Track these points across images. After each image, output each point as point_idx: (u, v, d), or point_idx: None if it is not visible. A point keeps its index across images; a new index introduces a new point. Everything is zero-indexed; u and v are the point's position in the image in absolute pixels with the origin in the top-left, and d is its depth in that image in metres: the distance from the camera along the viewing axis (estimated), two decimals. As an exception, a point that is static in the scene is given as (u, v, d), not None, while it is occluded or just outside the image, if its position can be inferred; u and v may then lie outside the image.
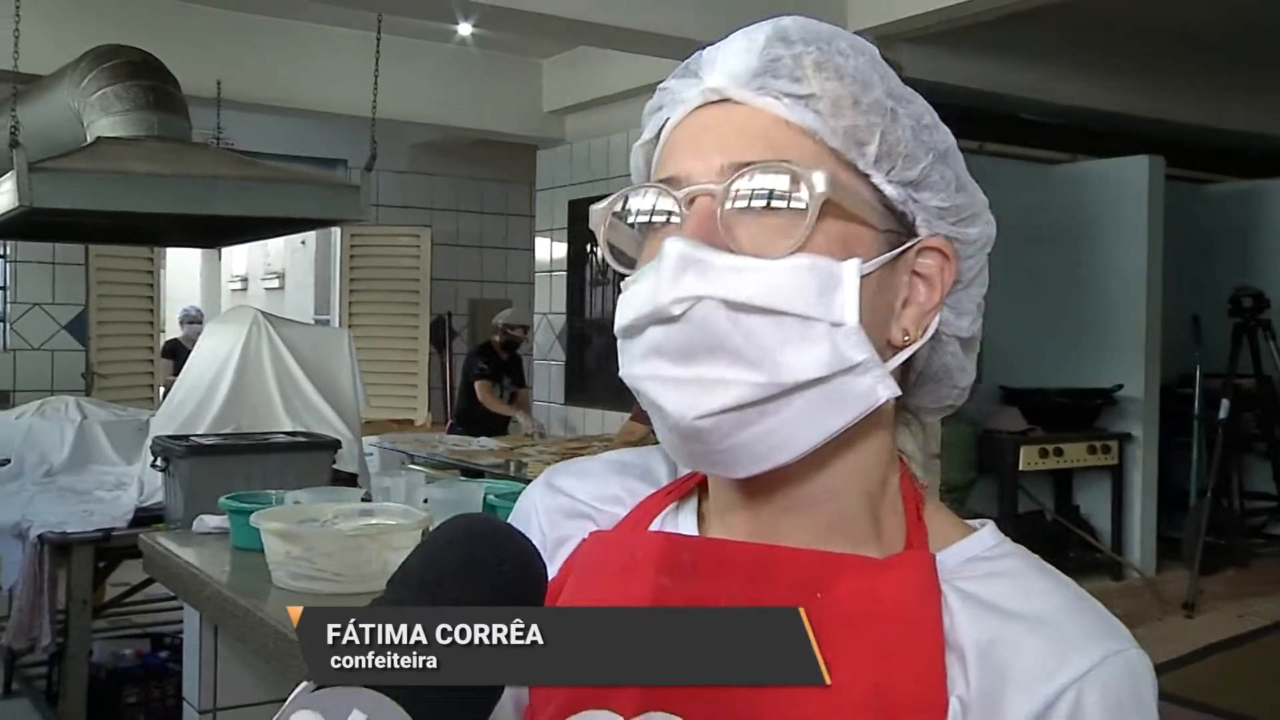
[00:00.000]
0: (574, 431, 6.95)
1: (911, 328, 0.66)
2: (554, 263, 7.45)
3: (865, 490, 0.67)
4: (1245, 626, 5.26)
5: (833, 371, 0.61)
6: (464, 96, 6.54)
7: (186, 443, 3.18)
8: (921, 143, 0.66)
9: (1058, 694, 0.60)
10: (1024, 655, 0.61)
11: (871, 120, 0.64)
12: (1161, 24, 5.66)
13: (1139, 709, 0.62)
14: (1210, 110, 6.31)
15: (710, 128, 0.65)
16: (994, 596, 0.64)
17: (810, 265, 0.61)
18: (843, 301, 0.61)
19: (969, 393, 0.73)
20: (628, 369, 0.65)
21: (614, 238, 0.68)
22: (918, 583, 0.63)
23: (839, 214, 0.62)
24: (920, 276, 0.67)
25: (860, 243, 0.63)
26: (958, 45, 5.09)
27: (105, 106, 4.14)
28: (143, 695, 3.80)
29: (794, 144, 0.63)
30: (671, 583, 0.66)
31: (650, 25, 4.60)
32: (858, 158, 0.64)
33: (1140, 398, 5.95)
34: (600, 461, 0.79)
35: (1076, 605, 0.64)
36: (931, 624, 0.62)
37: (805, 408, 0.61)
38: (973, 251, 0.69)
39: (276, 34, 5.86)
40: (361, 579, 1.94)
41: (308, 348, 3.95)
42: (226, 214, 3.40)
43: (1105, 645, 0.62)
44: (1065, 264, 5.98)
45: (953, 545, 0.68)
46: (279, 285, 10.71)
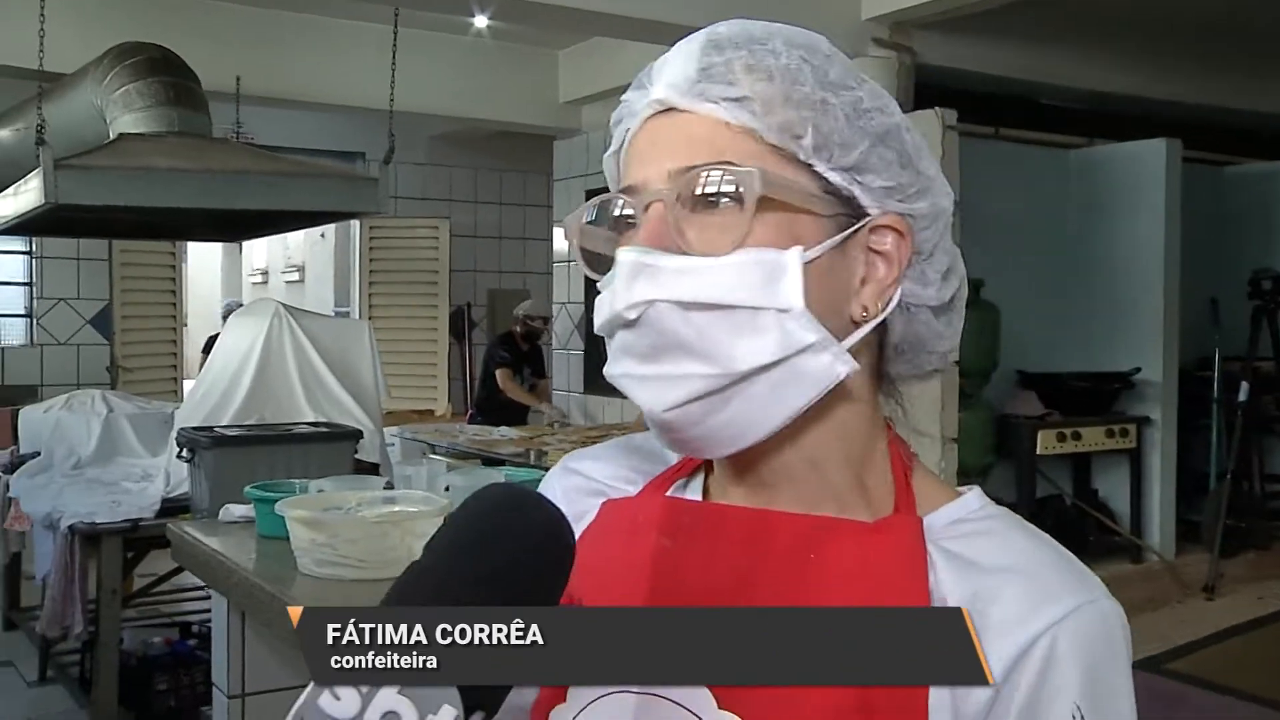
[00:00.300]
0: (593, 420, 6.99)
1: (870, 304, 0.69)
2: (572, 253, 7.48)
3: (849, 457, 0.71)
4: (1266, 609, 5.26)
5: (785, 355, 0.65)
6: (480, 88, 6.58)
7: (211, 434, 3.23)
8: (857, 129, 0.68)
9: (1032, 639, 0.63)
10: (1001, 604, 0.64)
11: (803, 114, 0.67)
12: (1176, 6, 5.63)
13: (1111, 655, 0.65)
14: (1227, 92, 6.28)
15: (658, 136, 0.69)
16: (976, 554, 0.67)
17: (754, 259, 0.65)
18: (787, 288, 0.65)
19: (952, 356, 0.76)
20: (607, 368, 0.70)
21: (590, 243, 0.72)
22: (905, 544, 0.67)
23: (779, 206, 0.66)
24: (877, 254, 0.70)
25: (805, 230, 0.67)
26: (972, 31, 5.08)
27: (127, 103, 4.20)
28: (173, 682, 3.87)
29: (735, 144, 0.67)
30: (672, 544, 0.70)
31: (663, 15, 4.62)
32: (796, 150, 0.67)
33: (1159, 381, 5.93)
34: (612, 445, 0.84)
35: (1053, 558, 0.68)
36: (918, 582, 0.66)
37: (766, 390, 0.66)
38: (927, 224, 0.71)
39: (294, 29, 5.91)
40: (385, 565, 1.99)
41: (329, 339, 4.00)
42: (250, 208, 3.45)
43: (1079, 595, 0.65)
44: (1083, 247, 5.96)
45: (939, 509, 0.71)
46: (299, 278, 10.78)
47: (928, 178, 0.72)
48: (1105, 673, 0.65)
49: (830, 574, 0.67)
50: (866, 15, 4.82)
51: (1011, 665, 0.63)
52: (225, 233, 5.40)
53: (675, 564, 0.70)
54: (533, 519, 0.58)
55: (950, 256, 0.74)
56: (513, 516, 0.58)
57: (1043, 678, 0.63)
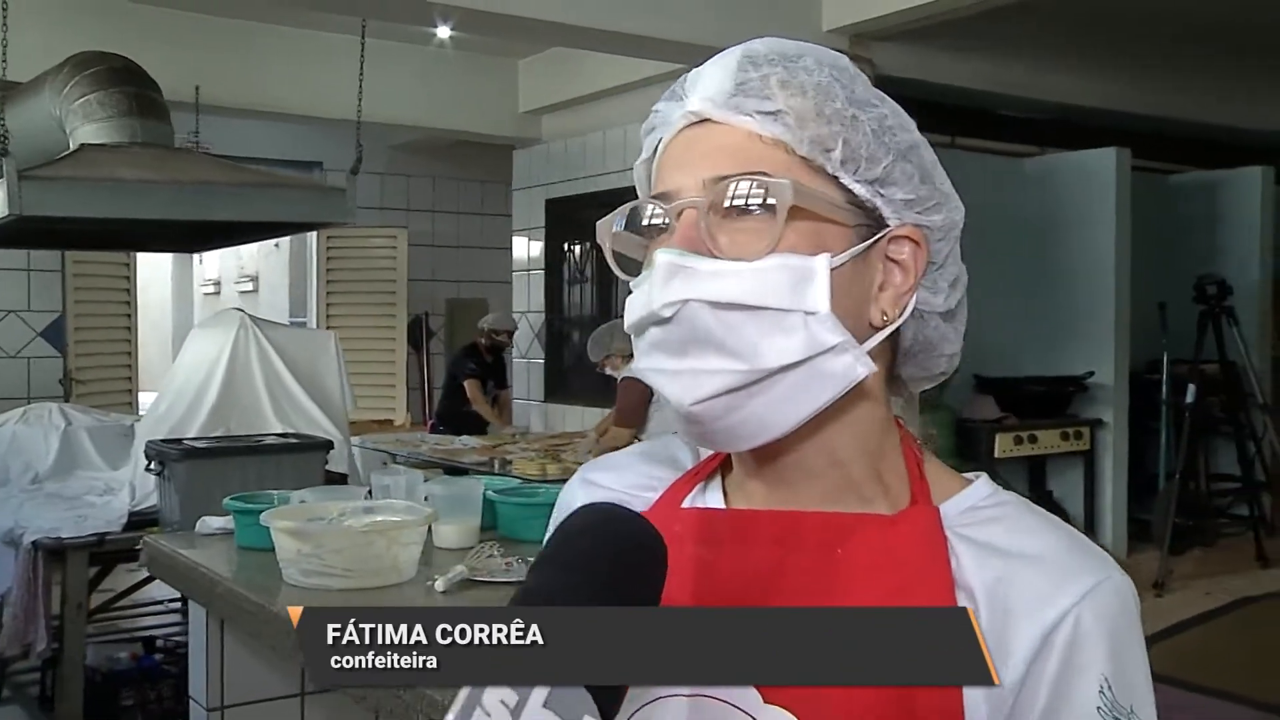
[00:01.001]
0: (554, 429, 7.00)
1: (889, 309, 0.73)
2: (531, 261, 7.49)
3: (866, 453, 0.75)
4: (1214, 603, 5.40)
5: (810, 355, 0.69)
6: (441, 98, 6.58)
7: (181, 446, 3.22)
8: (883, 144, 0.73)
9: (1059, 618, 0.68)
10: (1024, 588, 0.69)
11: (834, 129, 0.71)
12: (1127, 19, 5.78)
13: (1129, 626, 0.70)
14: (1174, 102, 6.45)
15: (693, 146, 0.73)
16: (994, 539, 0.72)
17: (784, 264, 0.69)
18: (815, 293, 0.69)
19: (956, 360, 0.81)
20: (637, 363, 0.74)
21: (621, 246, 0.76)
22: (925, 533, 0.72)
23: (808, 215, 0.70)
24: (895, 262, 0.74)
25: (831, 238, 0.71)
26: (929, 43, 5.18)
27: (88, 113, 4.15)
28: (139, 697, 3.82)
29: (767, 155, 0.71)
30: (710, 553, 0.74)
31: (625, 27, 4.65)
32: (825, 162, 0.71)
33: (1110, 384, 6.07)
34: (627, 455, 0.87)
35: (1067, 540, 0.72)
36: (941, 568, 0.70)
37: (790, 388, 0.69)
38: (941, 235, 0.76)
39: (254, 38, 5.87)
40: (372, 574, 2.00)
41: (295, 350, 3.99)
42: (218, 219, 3.43)
43: (1096, 573, 0.70)
44: (1037, 254, 6.09)
45: (953, 497, 0.76)
46: (253, 288, 10.67)
47: (944, 193, 0.76)
48: (1125, 644, 0.69)
49: (857, 567, 0.71)
50: (828, 27, 4.90)
51: (1040, 644, 0.68)
52: (184, 244, 5.34)
53: (713, 571, 0.73)
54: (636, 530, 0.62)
55: (958, 267, 0.78)
56: (619, 527, 0.61)
57: (1070, 654, 0.67)
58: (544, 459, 4.98)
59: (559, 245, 7.26)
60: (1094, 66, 6.01)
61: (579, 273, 7.12)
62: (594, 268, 6.99)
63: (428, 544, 2.18)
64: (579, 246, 7.11)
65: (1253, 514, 6.31)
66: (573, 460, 5.03)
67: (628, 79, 6.09)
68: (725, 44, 0.77)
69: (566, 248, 7.22)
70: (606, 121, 6.59)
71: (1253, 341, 6.56)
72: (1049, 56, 5.84)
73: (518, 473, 4.52)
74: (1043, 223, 6.17)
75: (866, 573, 0.71)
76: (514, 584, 2.03)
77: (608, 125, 6.59)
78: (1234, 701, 4.00)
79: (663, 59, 5.36)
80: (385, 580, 2.01)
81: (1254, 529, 6.25)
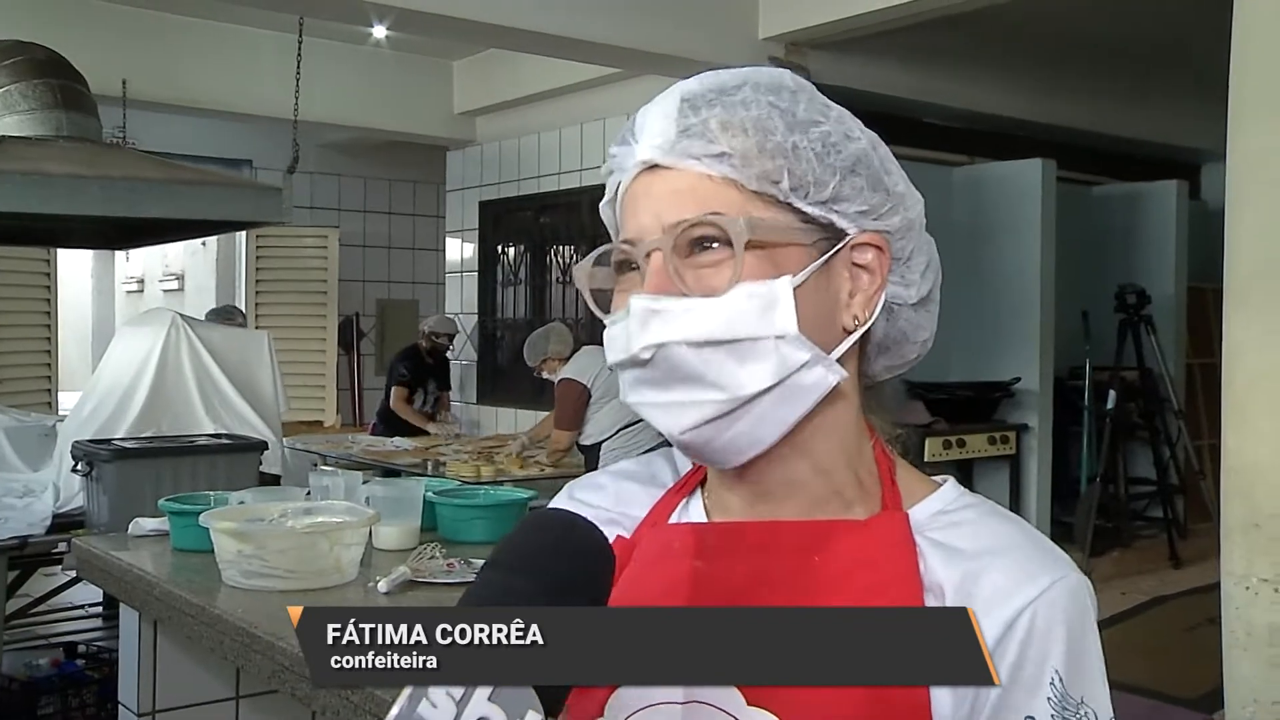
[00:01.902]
0: (487, 430, 6.97)
1: (860, 312, 0.77)
2: (465, 263, 7.45)
3: (847, 458, 0.79)
4: (1128, 604, 5.56)
5: (783, 376, 0.73)
6: (375, 98, 6.52)
7: (110, 446, 3.14)
8: (828, 166, 0.75)
9: (1015, 615, 0.72)
10: (985, 586, 0.73)
11: (777, 163, 0.74)
12: (1054, 35, 5.94)
13: (1082, 624, 0.74)
14: (1097, 116, 6.63)
15: (649, 191, 0.76)
16: (959, 541, 0.76)
17: (749, 293, 0.72)
18: (781, 316, 0.73)
19: (929, 344, 0.85)
20: (624, 396, 0.78)
21: (596, 284, 0.80)
22: (896, 538, 0.76)
23: (766, 245, 0.73)
24: (860, 267, 0.77)
25: (790, 260, 0.74)
26: (863, 52, 5.27)
27: (9, 104, 4.04)
28: (60, 704, 3.72)
29: (718, 194, 0.74)
30: (705, 564, 0.78)
31: (561, 29, 4.66)
32: (776, 193, 0.74)
33: (1036, 390, 6.22)
34: (609, 475, 0.91)
35: (1027, 540, 0.76)
36: (910, 570, 0.74)
37: (769, 407, 0.74)
38: (901, 235, 0.79)
39: (185, 33, 5.76)
40: (315, 574, 1.98)
41: (227, 350, 3.92)
42: (150, 216, 3.36)
43: (1053, 572, 0.74)
44: (965, 262, 6.21)
45: (922, 501, 0.80)
46: (178, 287, 10.43)
47: (898, 194, 0.79)
48: (1078, 639, 0.73)
49: (832, 572, 0.75)
50: (763, 35, 4.96)
51: (999, 638, 0.71)
52: (110, 241, 5.21)
53: (708, 581, 0.77)
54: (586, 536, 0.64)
55: (927, 254, 0.82)
56: (571, 534, 0.64)
57: (1025, 648, 0.71)
58: (478, 461, 4.96)
59: (493, 247, 7.23)
60: (1020, 79, 6.16)
61: (513, 275, 7.10)
62: (528, 270, 6.98)
63: (367, 545, 2.17)
64: (513, 249, 7.09)
65: (1167, 516, 6.50)
66: (505, 462, 5.02)
67: (563, 82, 6.10)
68: (661, 49, 0.80)
69: (500, 250, 7.20)
70: (541, 124, 6.59)
71: (1169, 349, 6.77)
72: (977, 69, 5.97)
73: (451, 474, 4.49)
74: (970, 231, 6.30)
75: (840, 577, 0.74)
76: (456, 585, 2.03)
77: (542, 128, 6.59)
78: (1137, 694, 4.14)
79: (598, 62, 5.37)
80: (327, 581, 2.00)
81: (1168, 531, 6.45)
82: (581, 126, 6.35)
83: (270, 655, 1.71)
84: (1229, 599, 1.63)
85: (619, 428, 4.76)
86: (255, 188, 4.00)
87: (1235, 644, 1.62)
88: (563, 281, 6.68)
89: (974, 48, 5.83)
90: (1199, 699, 4.06)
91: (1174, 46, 6.16)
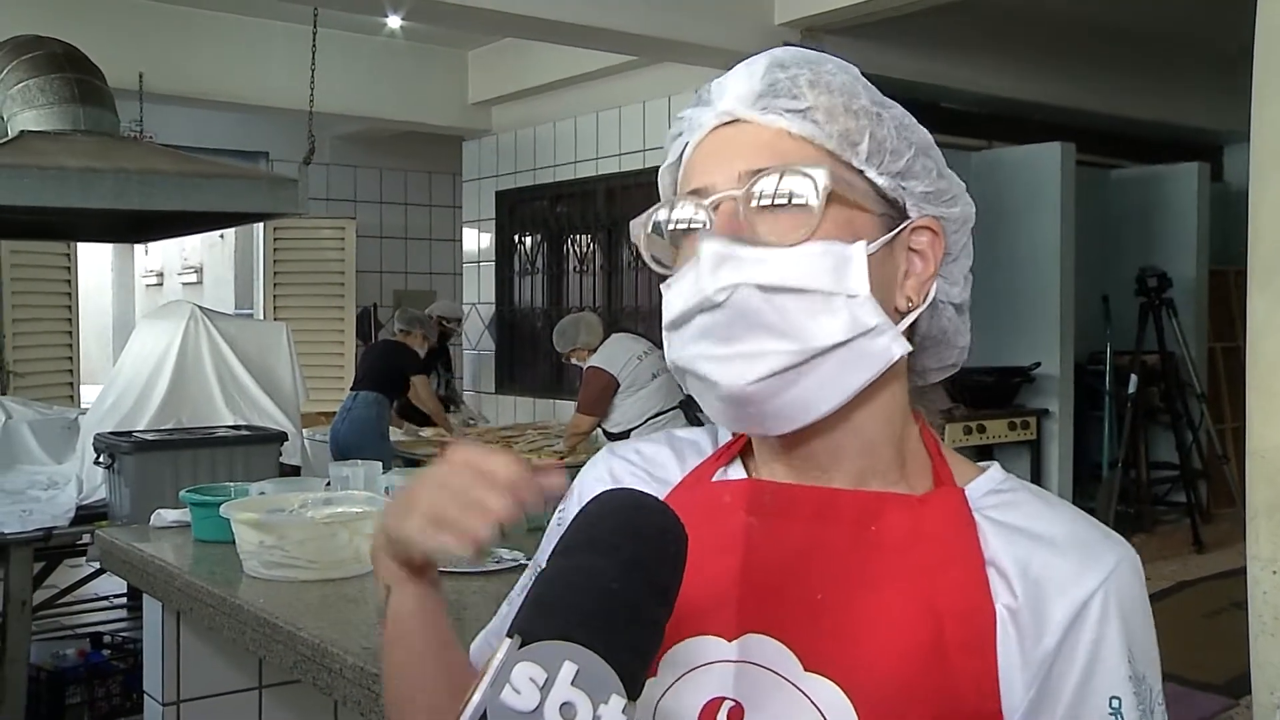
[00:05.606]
0: (504, 420, 6.97)
1: (914, 295, 0.78)
2: (482, 253, 7.46)
3: (892, 434, 0.79)
4: (1152, 589, 5.52)
5: (853, 335, 0.72)
6: (390, 88, 6.52)
7: (131, 439, 3.16)
8: (904, 139, 0.77)
9: (1089, 595, 0.73)
10: (1055, 569, 0.74)
11: (860, 123, 0.75)
12: (1073, 17, 5.88)
13: (1142, 598, 0.76)
14: (1116, 99, 6.57)
15: (727, 144, 0.76)
16: (1017, 521, 0.76)
17: (824, 249, 0.72)
18: (855, 276, 0.72)
19: (967, 352, 0.86)
20: (679, 352, 0.76)
21: (650, 247, 0.79)
22: (954, 512, 0.76)
23: (841, 204, 0.73)
24: (915, 252, 0.78)
25: (863, 226, 0.74)
26: (880, 37, 5.23)
27: (28, 100, 4.06)
28: (86, 694, 3.76)
29: (797, 150, 0.74)
30: (758, 521, 0.78)
31: (576, 18, 4.64)
32: (852, 156, 0.75)
33: (1056, 375, 6.18)
34: (653, 440, 0.91)
35: (1083, 523, 0.78)
36: (971, 545, 0.75)
37: (835, 367, 0.73)
38: (956, 228, 0.81)
39: (200, 26, 5.77)
40: (336, 564, 1.99)
41: (246, 341, 3.94)
42: (167, 209, 3.37)
43: (1116, 552, 0.75)
44: (985, 247, 6.04)
45: (974, 481, 0.79)
46: (197, 280, 10.50)
47: (957, 186, 0.81)
48: (1141, 614, 0.75)
49: (888, 545, 0.75)
50: (779, 20, 4.93)
51: (1071, 621, 0.72)
52: (129, 234, 5.24)
53: (761, 537, 0.77)
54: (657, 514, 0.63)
55: (970, 260, 0.83)
56: (643, 514, 0.62)
57: (1101, 629, 0.72)
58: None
59: (509, 237, 7.23)
60: (1038, 63, 6.10)
61: (530, 264, 7.10)
62: (545, 259, 6.98)
63: (389, 535, 2.17)
64: (530, 238, 7.09)
65: (1189, 501, 6.46)
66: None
67: (578, 71, 6.08)
68: (676, 36, 0.81)
69: (517, 239, 7.19)
70: (556, 113, 6.58)
71: (1190, 332, 6.71)
72: (994, 53, 5.92)
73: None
74: (989, 216, 6.21)
75: (897, 550, 0.74)
76: (479, 574, 2.03)
77: (558, 117, 6.57)
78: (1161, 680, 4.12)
79: (613, 50, 5.35)
80: (347, 571, 2.00)
81: (1190, 516, 6.41)
82: (597, 115, 6.33)
83: (292, 645, 1.71)
84: (1255, 584, 1.61)
85: (646, 417, 4.77)
86: (272, 180, 4.01)
87: (1262, 629, 1.60)
88: (580, 270, 6.67)
89: (990, 32, 5.78)
90: (1224, 685, 4.04)
91: (1194, 27, 6.09)
